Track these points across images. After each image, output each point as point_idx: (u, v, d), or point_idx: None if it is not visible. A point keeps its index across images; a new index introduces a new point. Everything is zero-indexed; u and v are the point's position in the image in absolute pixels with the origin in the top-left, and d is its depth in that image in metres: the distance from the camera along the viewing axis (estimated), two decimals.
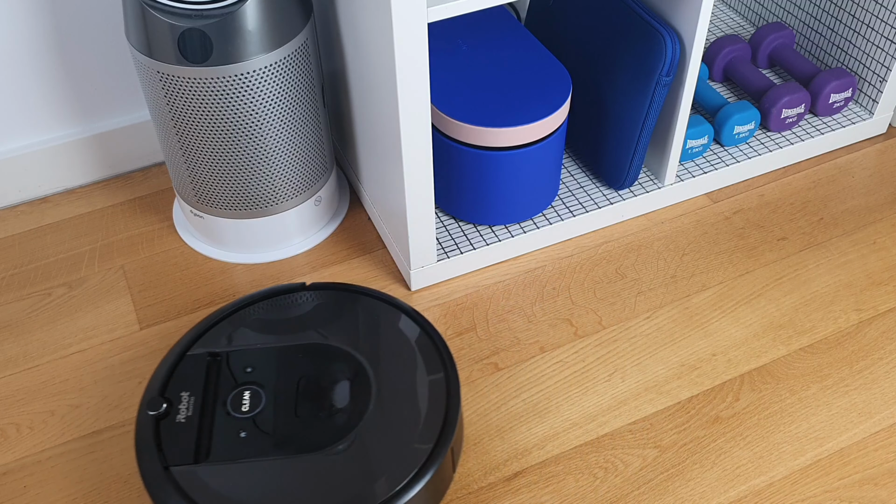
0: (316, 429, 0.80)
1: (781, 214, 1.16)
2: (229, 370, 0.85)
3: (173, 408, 0.82)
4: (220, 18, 0.88)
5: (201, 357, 0.86)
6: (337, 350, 0.86)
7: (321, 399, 0.82)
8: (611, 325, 1.02)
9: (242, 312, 0.90)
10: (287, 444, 0.79)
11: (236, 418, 0.81)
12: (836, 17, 1.25)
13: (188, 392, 0.83)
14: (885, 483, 0.87)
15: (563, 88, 1.02)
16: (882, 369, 0.97)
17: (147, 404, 0.81)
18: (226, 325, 0.89)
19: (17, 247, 1.14)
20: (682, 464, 0.89)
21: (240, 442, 0.79)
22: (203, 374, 0.84)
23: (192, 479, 0.77)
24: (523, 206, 1.07)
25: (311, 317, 0.90)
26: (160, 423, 0.81)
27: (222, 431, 0.80)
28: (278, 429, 0.80)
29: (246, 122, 0.96)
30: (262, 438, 0.79)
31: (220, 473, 0.77)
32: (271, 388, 0.83)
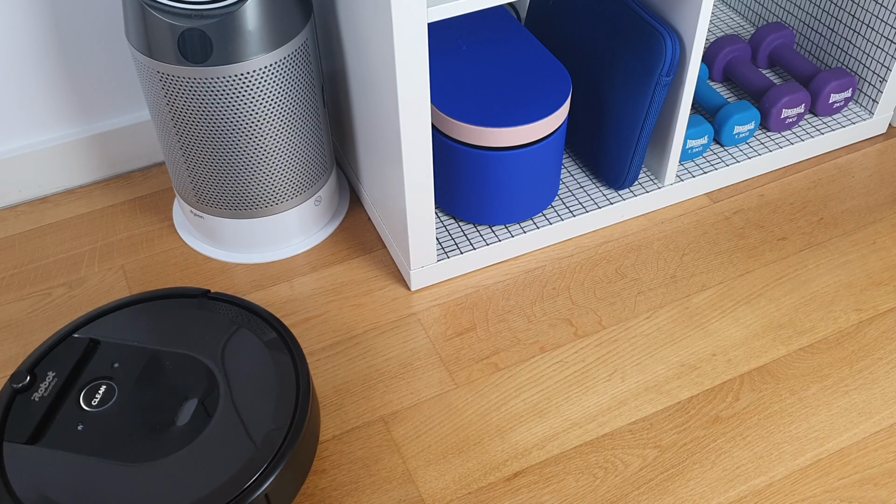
0: (152, 440, 0.79)
1: (781, 214, 1.16)
2: (98, 361, 0.84)
3: (35, 385, 0.81)
4: (220, 18, 0.88)
5: (82, 341, 0.85)
6: (201, 364, 0.85)
7: (167, 411, 0.81)
8: (611, 325, 1.02)
9: (140, 307, 0.90)
10: (117, 448, 0.78)
11: (82, 410, 0.80)
12: (836, 17, 1.25)
13: (54, 373, 0.83)
14: (885, 483, 0.87)
15: (563, 88, 1.02)
16: (882, 369, 0.97)
17: (12, 376, 0.81)
18: (120, 315, 0.88)
19: (17, 247, 1.14)
20: (682, 464, 0.89)
21: (75, 434, 0.78)
22: (76, 358, 0.84)
23: (16, 458, 0.77)
24: (523, 206, 1.07)
25: (192, 326, 0.88)
26: (17, 396, 0.81)
27: (64, 419, 0.80)
28: (115, 431, 0.79)
29: (246, 122, 0.96)
30: (97, 436, 0.79)
31: (43, 460, 0.77)
32: (126, 389, 0.82)
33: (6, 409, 0.80)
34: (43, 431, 0.79)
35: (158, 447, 0.78)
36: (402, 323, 1.03)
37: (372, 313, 1.04)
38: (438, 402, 0.95)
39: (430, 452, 0.91)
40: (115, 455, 0.78)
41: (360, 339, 1.02)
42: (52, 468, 0.77)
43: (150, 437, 0.79)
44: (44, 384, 0.82)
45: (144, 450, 0.78)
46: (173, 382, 0.83)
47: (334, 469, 0.90)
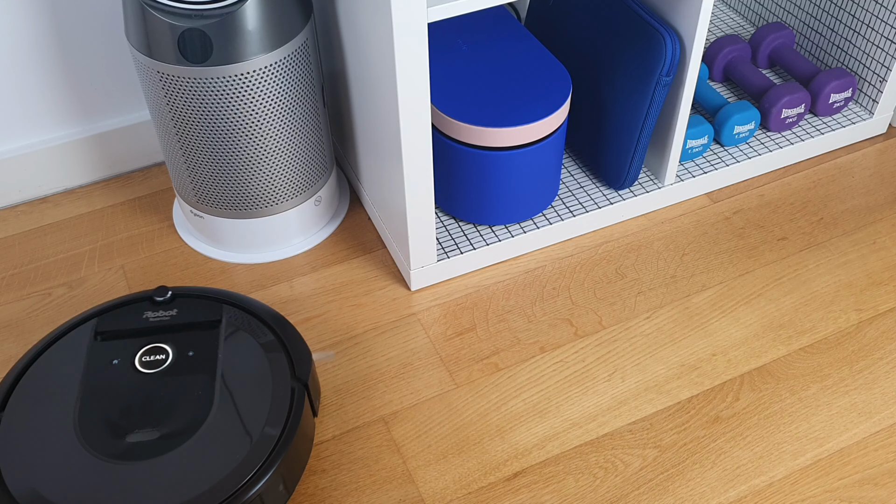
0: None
1: (781, 214, 1.16)
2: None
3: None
4: (220, 18, 0.88)
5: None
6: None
7: (162, 410, 0.82)
8: (611, 325, 1.02)
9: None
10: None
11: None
12: (836, 17, 1.25)
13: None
14: (885, 483, 0.87)
15: (563, 88, 1.02)
16: (882, 369, 0.97)
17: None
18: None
19: (17, 247, 1.14)
20: (682, 464, 0.89)
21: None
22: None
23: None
24: (523, 206, 1.07)
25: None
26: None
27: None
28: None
29: (246, 122, 0.96)
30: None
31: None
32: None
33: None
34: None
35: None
36: (402, 323, 1.03)
37: (372, 313, 1.04)
38: (438, 402, 0.95)
39: (430, 452, 0.91)
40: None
41: (360, 339, 1.02)
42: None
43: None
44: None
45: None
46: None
47: (334, 469, 0.90)
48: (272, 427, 0.80)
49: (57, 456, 0.78)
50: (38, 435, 0.79)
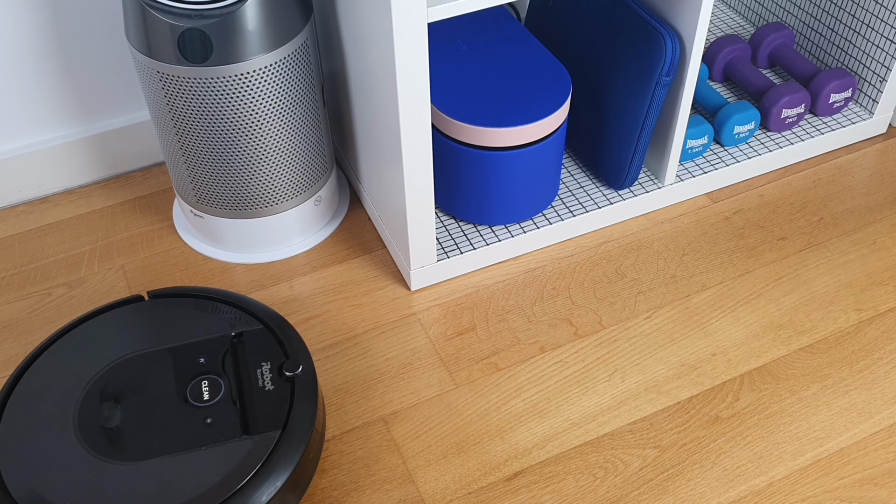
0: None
1: (781, 214, 1.16)
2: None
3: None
4: (220, 18, 0.88)
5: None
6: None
7: (166, 411, 0.82)
8: (611, 325, 1.02)
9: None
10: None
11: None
12: (836, 17, 1.25)
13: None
14: (885, 483, 0.87)
15: (563, 88, 1.02)
16: (882, 369, 0.97)
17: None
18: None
19: (17, 247, 1.14)
20: (682, 464, 0.89)
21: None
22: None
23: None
24: (523, 206, 1.07)
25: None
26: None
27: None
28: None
29: (246, 122, 0.96)
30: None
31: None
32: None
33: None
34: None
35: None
36: (402, 323, 1.03)
37: (372, 313, 1.04)
38: (438, 402, 0.95)
39: (430, 452, 0.91)
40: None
41: (360, 339, 1.02)
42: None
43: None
44: None
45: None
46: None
47: (334, 469, 0.90)
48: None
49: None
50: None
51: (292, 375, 0.83)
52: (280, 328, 0.88)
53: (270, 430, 0.80)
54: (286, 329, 0.88)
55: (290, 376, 0.83)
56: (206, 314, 0.89)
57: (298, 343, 0.86)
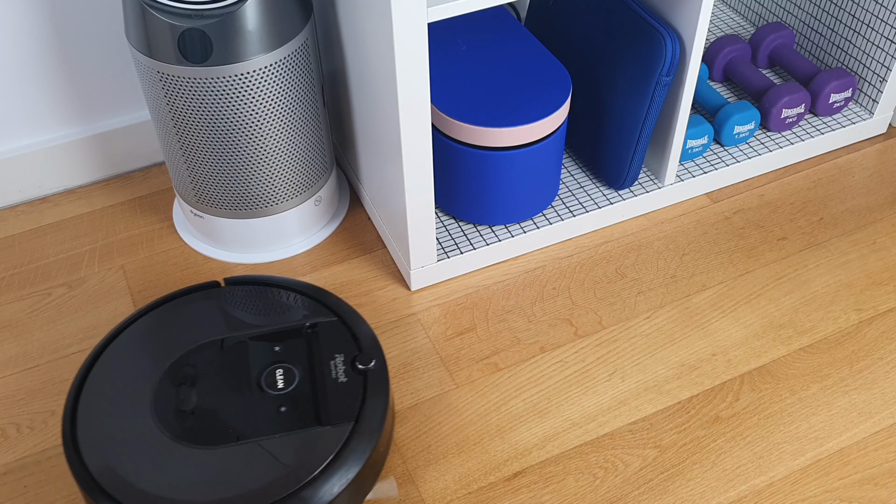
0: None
1: (781, 214, 1.16)
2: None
3: None
4: (220, 18, 0.88)
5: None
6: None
7: (242, 398, 0.83)
8: (611, 325, 1.02)
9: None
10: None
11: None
12: (836, 17, 1.25)
13: None
14: (885, 483, 0.87)
15: (563, 88, 1.02)
16: (882, 369, 0.97)
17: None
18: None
19: (17, 247, 1.14)
20: (682, 464, 0.89)
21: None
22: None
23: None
24: (523, 206, 1.07)
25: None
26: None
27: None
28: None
29: (246, 122, 0.96)
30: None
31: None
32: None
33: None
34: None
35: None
36: (402, 323, 1.03)
37: (372, 313, 1.04)
38: (438, 402, 0.95)
39: (430, 452, 0.91)
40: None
41: None
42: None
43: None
44: None
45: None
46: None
47: None
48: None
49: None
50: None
51: (365, 369, 0.84)
52: (353, 321, 0.88)
53: (344, 422, 0.80)
54: (359, 322, 0.88)
55: (363, 370, 0.84)
56: (280, 303, 0.90)
57: (371, 337, 0.87)
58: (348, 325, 0.88)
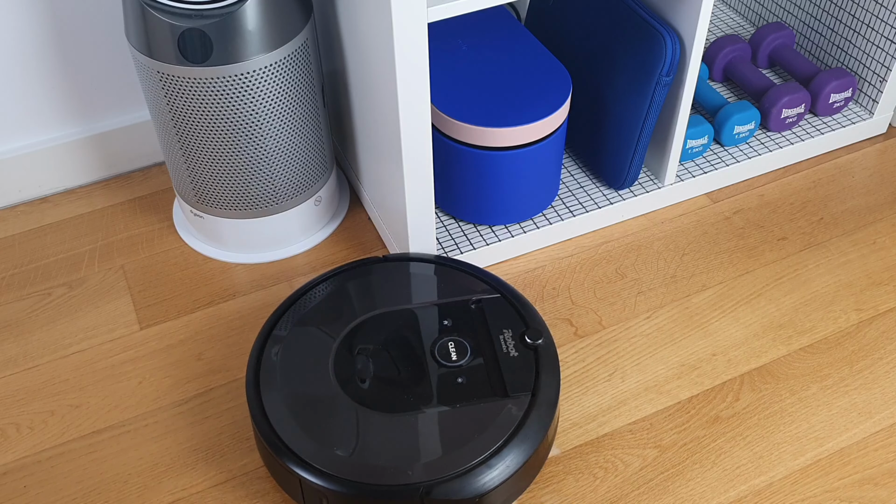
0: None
1: (781, 214, 1.16)
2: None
3: None
4: (220, 18, 0.88)
5: None
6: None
7: (417, 369, 0.85)
8: (611, 325, 1.02)
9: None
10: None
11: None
12: (836, 17, 1.25)
13: None
14: (885, 483, 0.87)
15: (563, 88, 1.02)
16: (882, 369, 0.97)
17: None
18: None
19: (17, 247, 1.14)
20: (682, 464, 0.89)
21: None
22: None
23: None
24: (523, 206, 1.07)
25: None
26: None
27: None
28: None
29: (246, 122, 0.96)
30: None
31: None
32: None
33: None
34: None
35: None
36: None
37: None
38: None
39: None
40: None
41: None
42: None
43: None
44: None
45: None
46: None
47: None
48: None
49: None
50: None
51: (534, 344, 0.86)
52: (517, 299, 0.91)
53: (522, 394, 0.82)
54: (522, 300, 0.91)
55: (533, 345, 0.86)
56: (444, 279, 0.93)
57: (535, 314, 0.89)
58: (512, 302, 0.90)
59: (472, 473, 0.77)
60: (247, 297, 1.06)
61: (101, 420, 0.94)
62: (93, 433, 0.93)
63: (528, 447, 0.79)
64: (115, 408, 0.95)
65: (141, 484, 0.88)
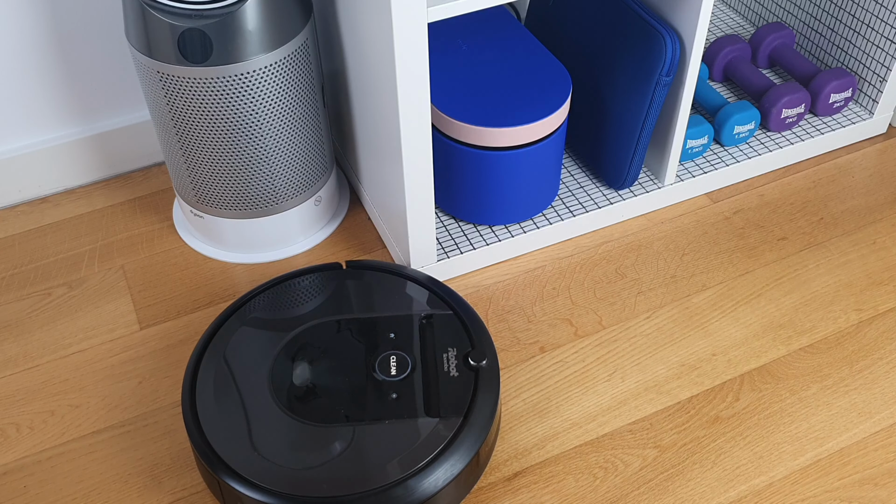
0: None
1: (781, 214, 1.16)
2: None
3: None
4: (220, 18, 0.88)
5: None
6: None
7: (358, 378, 0.84)
8: (611, 325, 1.02)
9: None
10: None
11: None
12: (836, 17, 1.25)
13: None
14: (885, 483, 0.87)
15: (563, 88, 1.02)
16: (882, 369, 0.97)
17: None
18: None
19: (17, 247, 1.14)
20: (682, 464, 0.89)
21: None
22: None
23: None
24: (523, 206, 1.07)
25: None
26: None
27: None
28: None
29: (246, 122, 0.96)
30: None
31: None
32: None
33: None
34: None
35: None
36: None
37: None
38: None
39: None
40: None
41: None
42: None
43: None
44: None
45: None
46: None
47: None
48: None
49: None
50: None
51: (477, 366, 0.85)
52: (469, 317, 0.89)
53: (453, 416, 0.81)
54: (474, 319, 0.89)
55: (475, 366, 0.85)
56: (398, 291, 0.92)
57: (485, 334, 0.88)
58: (463, 320, 0.89)
59: (390, 493, 0.75)
60: None
61: (101, 420, 0.94)
62: (93, 433, 0.93)
63: (452, 470, 0.78)
64: (115, 408, 0.95)
65: (141, 484, 0.88)
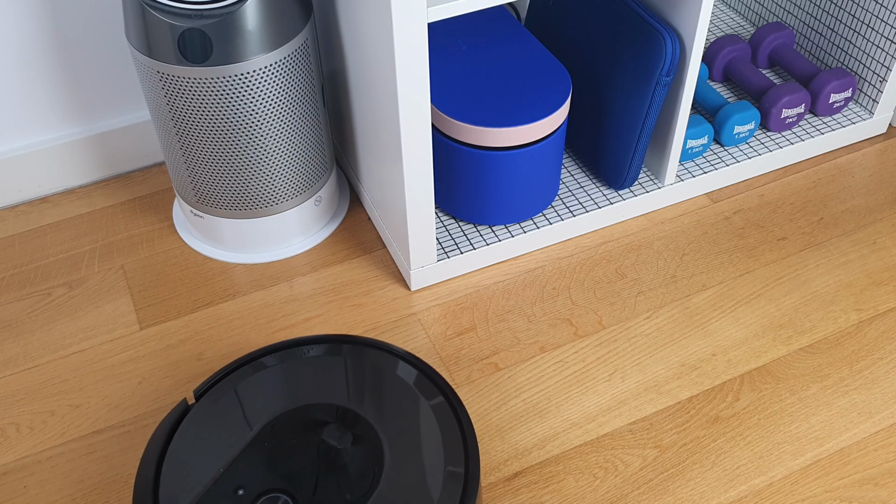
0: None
1: (781, 214, 1.16)
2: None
3: None
4: (220, 18, 0.88)
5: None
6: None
7: (334, 464, 0.77)
8: (611, 325, 1.02)
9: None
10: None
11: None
12: (836, 17, 1.25)
13: None
14: (885, 483, 0.87)
15: (563, 88, 1.02)
16: (882, 369, 0.97)
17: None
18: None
19: (17, 247, 1.14)
20: (682, 464, 0.89)
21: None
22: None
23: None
24: (523, 206, 1.07)
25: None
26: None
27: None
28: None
29: (246, 122, 0.96)
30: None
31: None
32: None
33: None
34: None
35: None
36: (402, 323, 1.03)
37: (372, 313, 1.04)
38: None
39: None
40: None
41: None
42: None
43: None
44: None
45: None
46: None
47: None
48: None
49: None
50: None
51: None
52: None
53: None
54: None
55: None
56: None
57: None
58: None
59: None
60: (247, 297, 1.06)
61: (101, 420, 0.94)
62: (93, 433, 0.93)
63: None
64: (115, 408, 0.95)
65: None
